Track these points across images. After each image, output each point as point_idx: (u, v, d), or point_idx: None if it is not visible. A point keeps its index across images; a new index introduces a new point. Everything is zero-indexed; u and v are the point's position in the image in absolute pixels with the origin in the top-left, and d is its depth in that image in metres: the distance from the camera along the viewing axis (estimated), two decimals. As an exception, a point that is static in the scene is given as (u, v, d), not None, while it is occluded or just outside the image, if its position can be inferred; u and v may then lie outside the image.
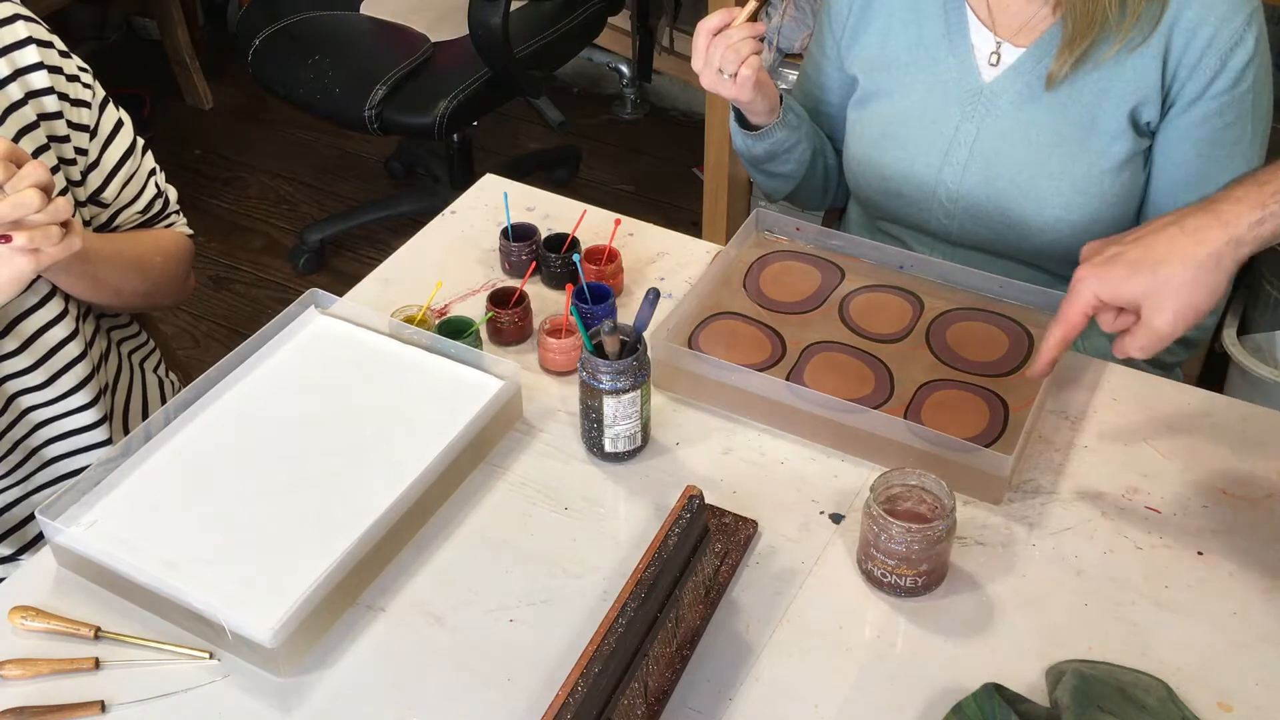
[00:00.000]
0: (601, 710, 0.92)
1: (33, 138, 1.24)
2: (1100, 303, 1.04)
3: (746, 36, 1.31)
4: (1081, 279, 1.04)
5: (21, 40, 1.23)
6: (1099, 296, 1.03)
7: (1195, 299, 0.99)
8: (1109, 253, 1.04)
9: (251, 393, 1.26)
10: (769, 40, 2.36)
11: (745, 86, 1.34)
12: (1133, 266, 1.01)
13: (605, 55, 3.26)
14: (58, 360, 1.30)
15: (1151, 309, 1.00)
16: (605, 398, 1.16)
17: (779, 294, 1.38)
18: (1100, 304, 1.04)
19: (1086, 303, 1.04)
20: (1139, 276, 1.00)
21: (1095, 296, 1.03)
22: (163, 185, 1.42)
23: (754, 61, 1.32)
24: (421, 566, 1.13)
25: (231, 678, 1.04)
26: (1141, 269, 1.00)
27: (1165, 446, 1.22)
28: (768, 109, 1.42)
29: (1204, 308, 1.00)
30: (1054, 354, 1.10)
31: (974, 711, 0.97)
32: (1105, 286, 1.02)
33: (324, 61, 2.43)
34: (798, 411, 1.23)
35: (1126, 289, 1.01)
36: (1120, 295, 1.02)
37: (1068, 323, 1.06)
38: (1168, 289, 0.99)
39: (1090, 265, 1.04)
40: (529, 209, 1.55)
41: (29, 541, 1.36)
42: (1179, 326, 1.01)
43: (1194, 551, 1.12)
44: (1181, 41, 1.29)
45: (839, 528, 1.15)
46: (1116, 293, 1.02)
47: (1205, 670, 1.02)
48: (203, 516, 1.13)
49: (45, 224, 1.07)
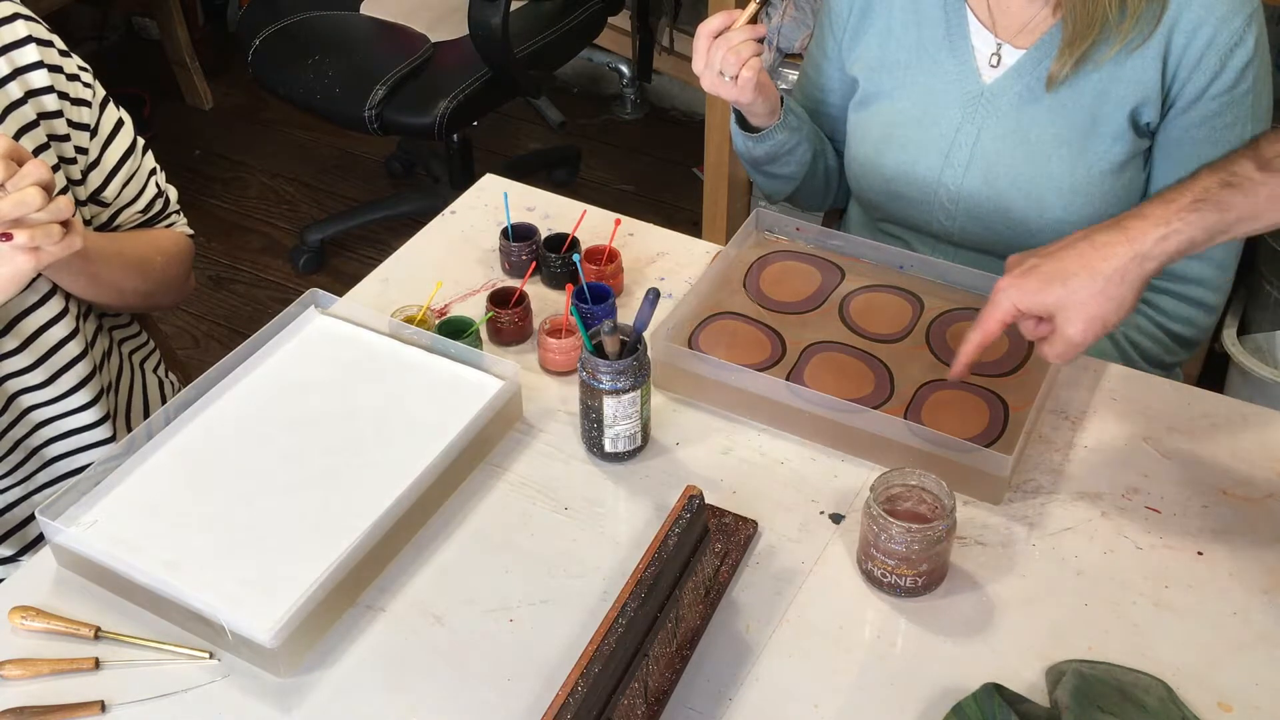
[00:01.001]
0: (601, 710, 0.92)
1: (33, 136, 1.24)
2: (1019, 312, 1.09)
3: (747, 39, 1.31)
4: (1001, 289, 1.09)
5: (21, 39, 1.23)
6: (1017, 306, 1.08)
7: (1103, 311, 1.05)
8: (1028, 264, 1.09)
9: (251, 393, 1.26)
10: (769, 41, 2.36)
11: (746, 89, 1.34)
12: (1046, 279, 1.06)
13: (605, 55, 3.26)
14: (58, 359, 1.30)
15: (1064, 320, 1.06)
16: (605, 398, 1.16)
17: (779, 294, 1.38)
18: (1019, 313, 1.09)
19: (1005, 311, 1.09)
20: (1051, 289, 1.06)
21: (1014, 306, 1.08)
22: (163, 185, 1.42)
23: (755, 64, 1.32)
24: (421, 566, 1.13)
25: (231, 678, 1.04)
26: (1054, 282, 1.06)
27: (1165, 446, 1.22)
28: (768, 111, 1.42)
29: (1111, 319, 1.05)
30: (970, 357, 1.14)
31: (974, 711, 0.97)
32: (1023, 297, 1.07)
33: (324, 61, 2.43)
34: (798, 411, 1.23)
35: (1040, 300, 1.07)
36: (1035, 305, 1.07)
37: (985, 329, 1.11)
38: (1077, 301, 1.05)
39: (1010, 276, 1.09)
40: (529, 209, 1.56)
41: (29, 542, 1.36)
42: (1089, 336, 1.06)
43: (1194, 551, 1.12)
44: (1181, 42, 1.29)
45: (839, 528, 1.15)
46: (1032, 303, 1.07)
47: (1205, 670, 1.02)
48: (203, 516, 1.13)
49: (46, 222, 1.07)
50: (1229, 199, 1.00)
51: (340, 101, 2.37)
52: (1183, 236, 1.02)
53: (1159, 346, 1.43)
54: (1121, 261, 1.03)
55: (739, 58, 1.31)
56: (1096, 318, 1.05)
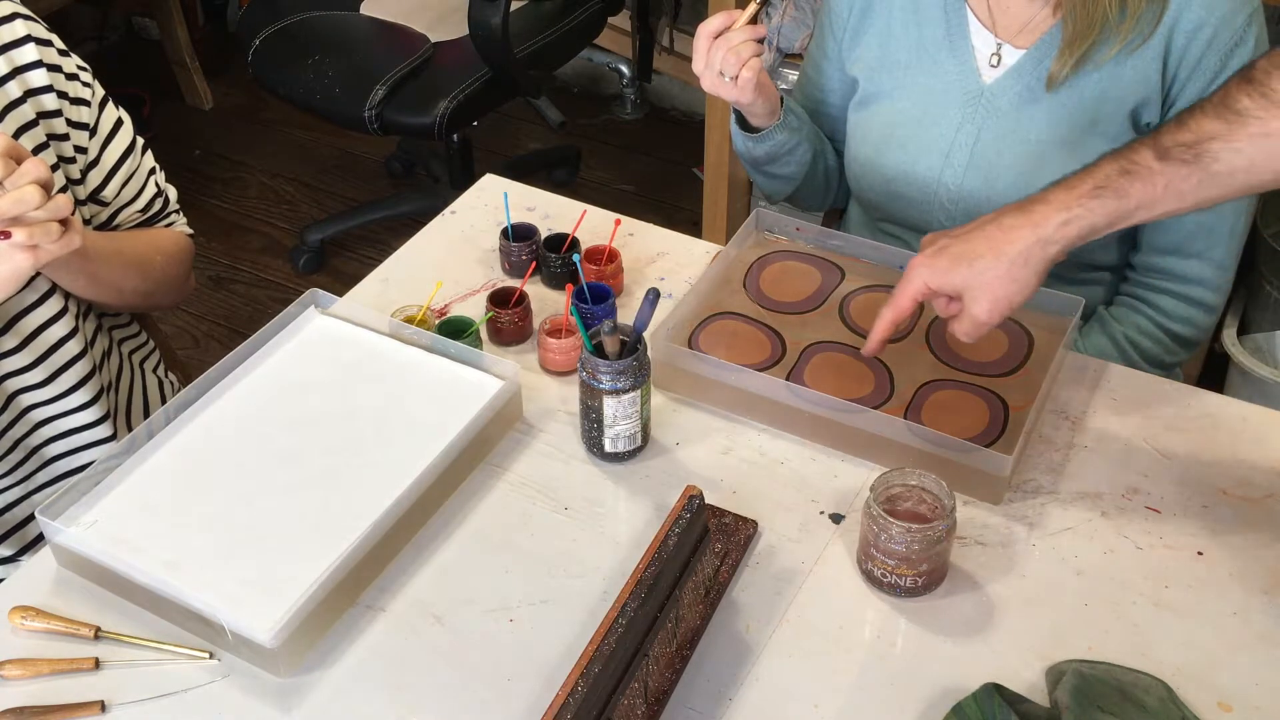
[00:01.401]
0: (601, 710, 0.92)
1: (32, 135, 1.24)
2: (929, 290, 1.13)
3: (747, 39, 1.31)
4: (913, 267, 1.13)
5: (20, 38, 1.23)
6: (928, 285, 1.12)
7: (1008, 292, 1.08)
8: (939, 244, 1.13)
9: (251, 393, 1.26)
10: (769, 41, 2.36)
11: (746, 89, 1.34)
12: (955, 259, 1.10)
13: (605, 55, 3.26)
14: (57, 358, 1.30)
15: (970, 299, 1.10)
16: (605, 398, 1.16)
17: (779, 294, 1.38)
18: (929, 291, 1.13)
19: (916, 289, 1.13)
20: (959, 269, 1.10)
21: (924, 284, 1.12)
22: (162, 184, 1.42)
23: (755, 64, 1.32)
24: (421, 566, 1.13)
25: (231, 678, 1.04)
26: (962, 262, 1.10)
27: (1165, 446, 1.22)
28: (768, 111, 1.42)
29: (1016, 300, 1.09)
30: (883, 333, 1.18)
31: (974, 711, 0.97)
32: (933, 276, 1.12)
33: (324, 61, 2.43)
34: (798, 411, 1.23)
35: (950, 279, 1.11)
36: (945, 285, 1.11)
37: (897, 306, 1.15)
38: (983, 282, 1.09)
39: (922, 255, 1.14)
40: (529, 209, 1.56)
41: (29, 542, 1.36)
42: (994, 316, 1.10)
43: (1194, 551, 1.12)
44: (1182, 42, 1.29)
45: (839, 528, 1.15)
46: (942, 282, 1.11)
47: (1205, 670, 1.02)
48: (203, 516, 1.13)
49: (45, 220, 1.07)
50: (1127, 186, 1.03)
51: (340, 101, 2.37)
52: (1084, 222, 1.05)
53: (1159, 347, 1.43)
54: (1025, 245, 1.07)
55: (739, 58, 1.31)
56: (1001, 298, 1.09)
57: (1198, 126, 0.99)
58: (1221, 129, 0.98)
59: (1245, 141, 0.97)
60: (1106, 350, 1.42)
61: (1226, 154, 0.98)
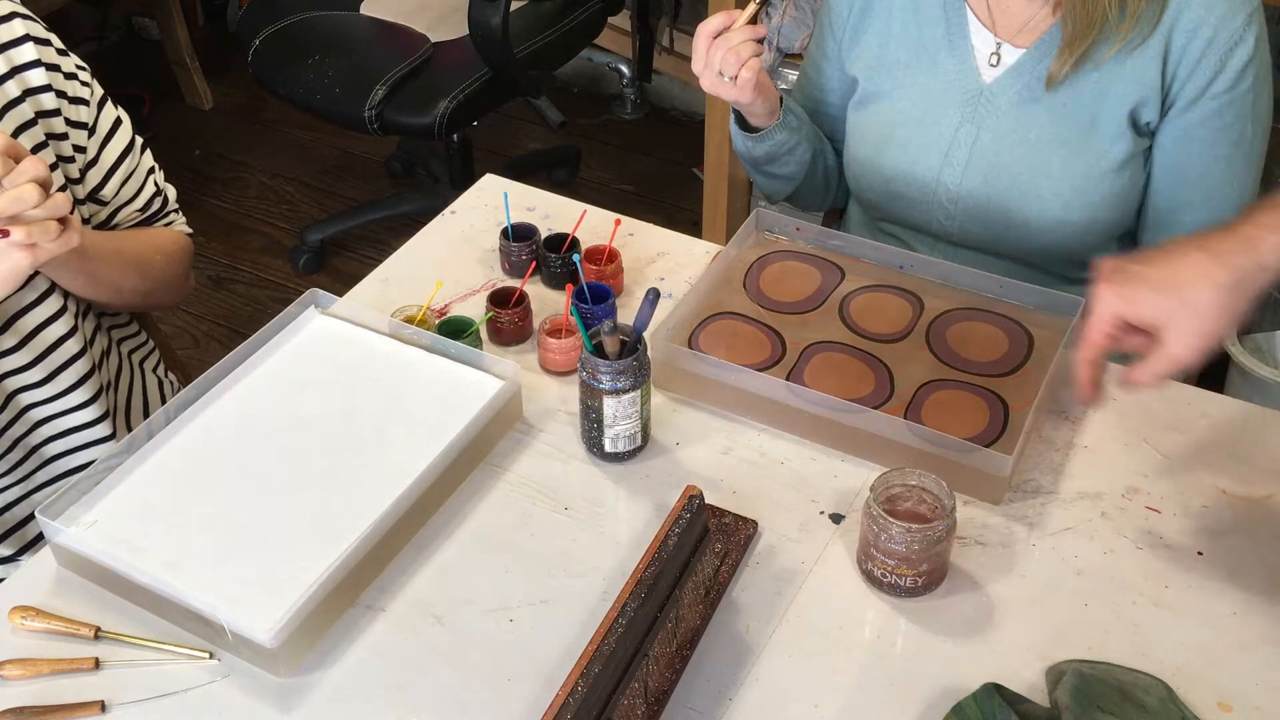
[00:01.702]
0: (601, 710, 0.92)
1: (31, 135, 1.24)
2: (1123, 323, 1.00)
3: (747, 39, 1.31)
4: (1102, 298, 1.00)
5: (19, 38, 1.23)
6: (1121, 316, 0.99)
7: (1217, 326, 0.96)
8: (1131, 271, 1.00)
9: (251, 393, 1.26)
10: (769, 41, 2.36)
11: (745, 89, 1.34)
12: (1156, 288, 0.97)
13: (605, 55, 3.26)
14: (56, 357, 1.30)
15: (1172, 334, 0.97)
16: (605, 398, 1.16)
17: (779, 294, 1.38)
18: (1122, 325, 1.00)
19: (1108, 322, 1.00)
20: (1161, 298, 0.97)
21: (1116, 316, 0.99)
22: (161, 184, 1.42)
23: (754, 64, 1.32)
24: (421, 566, 1.13)
25: (231, 678, 1.04)
26: (1164, 291, 0.97)
27: (1165, 446, 1.22)
28: (768, 111, 1.42)
29: (1222, 334, 0.96)
30: (1088, 374, 1.05)
31: (974, 711, 0.97)
32: (1128, 306, 0.98)
33: (324, 61, 2.43)
34: (798, 411, 1.23)
35: (1148, 310, 0.97)
36: (1143, 317, 0.98)
37: (1091, 343, 1.02)
38: (1190, 312, 0.95)
39: (1111, 285, 1.00)
40: (529, 209, 1.55)
41: (29, 541, 1.36)
42: (1195, 353, 0.97)
43: (1194, 551, 1.12)
44: (1181, 42, 1.29)
45: (839, 528, 1.15)
46: (1139, 313, 0.98)
47: (1205, 670, 1.02)
48: (203, 516, 1.13)
49: (43, 219, 1.07)
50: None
51: (340, 101, 2.37)
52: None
53: (1159, 346, 1.42)
54: (1242, 272, 0.94)
55: (738, 58, 1.31)
56: (1210, 333, 0.95)
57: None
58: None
59: None
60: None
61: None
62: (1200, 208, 1.36)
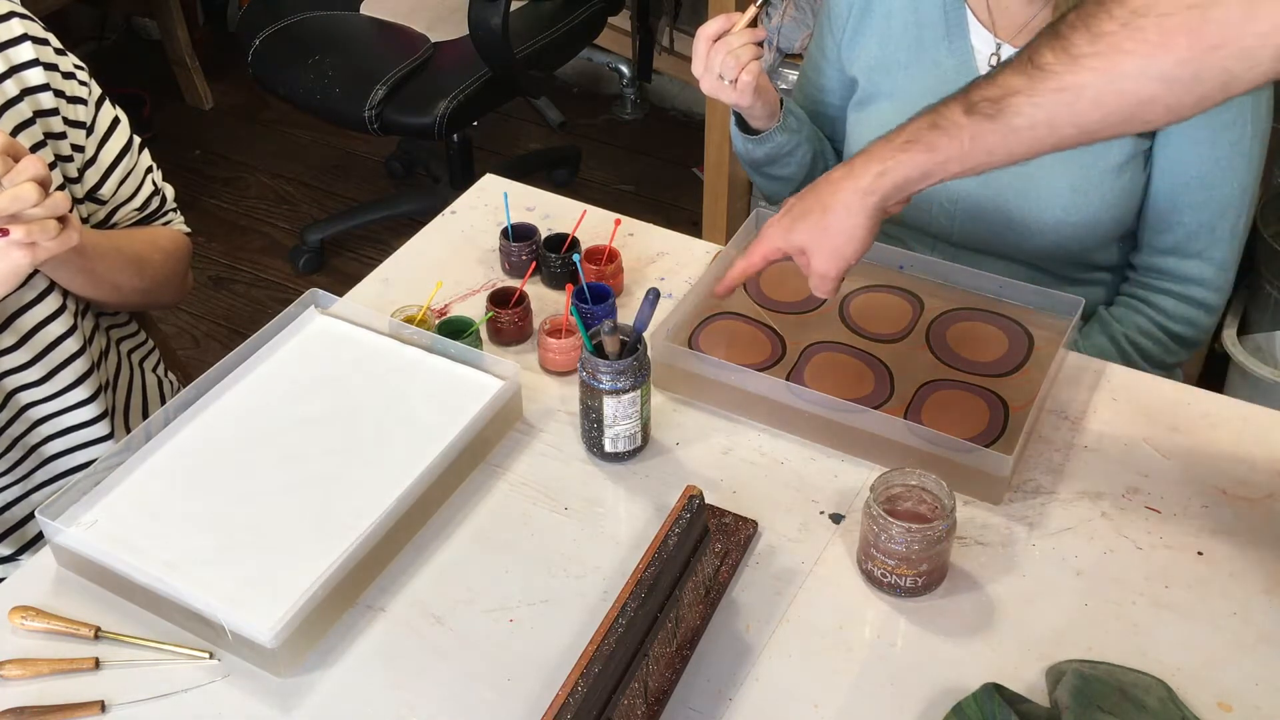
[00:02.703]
0: (601, 710, 0.92)
1: (29, 134, 1.24)
2: (780, 250, 1.16)
3: (746, 42, 1.31)
4: (765, 228, 1.18)
5: (17, 37, 1.23)
6: (776, 245, 1.16)
7: (837, 244, 1.11)
8: (787, 204, 1.16)
9: (251, 393, 1.26)
10: (769, 41, 2.36)
11: (745, 92, 1.34)
12: (795, 218, 1.14)
13: (605, 55, 3.26)
14: (55, 356, 1.30)
15: (811, 254, 1.14)
16: (605, 398, 1.16)
17: (779, 294, 1.38)
18: (780, 251, 1.16)
19: (767, 249, 1.17)
20: (797, 227, 1.14)
21: (773, 245, 1.16)
22: (159, 183, 1.42)
23: (754, 68, 1.32)
24: (421, 566, 1.13)
25: (231, 678, 1.04)
26: (800, 220, 1.13)
27: (1165, 446, 1.22)
28: (768, 113, 1.42)
29: (847, 251, 1.11)
30: (733, 281, 1.23)
31: (974, 711, 0.97)
32: (779, 235, 1.16)
33: (324, 61, 2.43)
34: (798, 411, 1.23)
35: (792, 238, 1.14)
36: (790, 244, 1.15)
37: (749, 261, 1.19)
38: (816, 237, 1.12)
39: (776, 216, 1.17)
40: (529, 209, 1.55)
41: (29, 541, 1.36)
42: (830, 269, 1.13)
43: (1194, 551, 1.12)
44: (1181, 41, 1.29)
45: (839, 528, 1.15)
46: (785, 241, 1.15)
47: (1205, 670, 1.02)
48: (203, 516, 1.13)
49: (42, 218, 1.07)
50: (935, 140, 1.03)
51: (340, 101, 2.37)
52: (897, 174, 1.06)
53: (1159, 347, 1.43)
54: (845, 196, 1.09)
55: (738, 62, 1.31)
56: (832, 250, 1.11)
57: (1004, 82, 0.98)
58: (1024, 84, 0.96)
59: (1045, 96, 0.95)
60: (1107, 351, 1.42)
61: (1028, 109, 0.96)
62: (1200, 208, 1.36)
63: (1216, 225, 1.37)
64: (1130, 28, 0.88)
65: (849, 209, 1.09)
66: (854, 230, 1.09)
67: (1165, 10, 0.86)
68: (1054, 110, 0.95)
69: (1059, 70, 0.93)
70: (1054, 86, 0.94)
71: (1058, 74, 0.93)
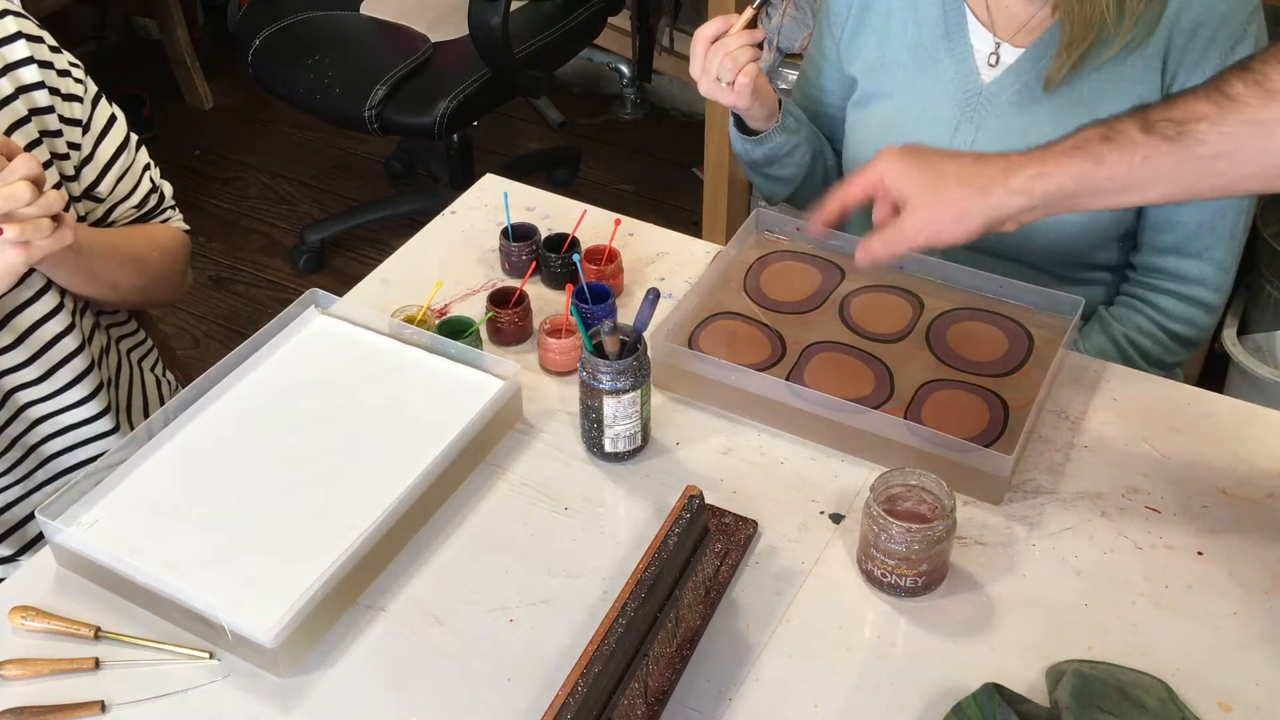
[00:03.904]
0: (601, 710, 0.92)
1: (25, 132, 1.24)
2: (884, 185, 1.11)
3: (744, 44, 1.31)
4: (881, 157, 1.12)
5: (11, 35, 1.23)
6: (884, 180, 1.11)
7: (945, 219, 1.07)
8: (917, 151, 1.12)
9: (251, 393, 1.26)
10: (769, 41, 2.36)
11: (743, 94, 1.34)
12: (921, 166, 1.09)
13: (605, 55, 3.26)
14: (54, 354, 1.30)
15: (909, 211, 1.08)
16: (605, 398, 1.16)
17: (779, 294, 1.38)
18: (883, 186, 1.11)
19: (873, 179, 1.12)
20: (922, 178, 1.08)
21: (881, 178, 1.11)
22: (157, 180, 1.42)
23: (751, 69, 1.32)
24: (421, 566, 1.13)
25: (231, 678, 1.04)
26: (927, 174, 1.08)
27: (1165, 446, 1.22)
28: (766, 114, 1.42)
29: (947, 234, 1.07)
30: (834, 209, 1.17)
31: (974, 711, 0.97)
32: (893, 175, 1.10)
33: (324, 61, 2.43)
34: (798, 411, 1.23)
35: (907, 183, 1.09)
36: (900, 187, 1.10)
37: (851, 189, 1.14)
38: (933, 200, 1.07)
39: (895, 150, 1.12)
40: (529, 209, 1.56)
41: (29, 541, 1.36)
42: (919, 237, 1.08)
43: (1194, 551, 1.12)
44: (1181, 41, 1.29)
45: (839, 528, 1.15)
46: (899, 183, 1.10)
47: (1205, 670, 1.02)
48: (203, 516, 1.13)
49: (36, 217, 1.07)
50: (1105, 152, 1.00)
51: (340, 101, 2.37)
52: (1054, 180, 1.02)
53: (1159, 347, 1.42)
54: (990, 183, 1.05)
55: (735, 63, 1.31)
56: (938, 226, 1.07)
57: (1187, 106, 0.95)
58: (1212, 111, 0.94)
59: (1234, 126, 0.93)
60: (1107, 350, 1.42)
61: (1214, 136, 0.94)
62: (1200, 207, 1.36)
63: (1216, 225, 1.37)
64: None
65: (985, 195, 1.04)
66: (972, 218, 1.05)
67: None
68: (1242, 142, 0.93)
69: (1253, 103, 0.91)
70: (1246, 118, 0.92)
71: (1252, 106, 0.91)
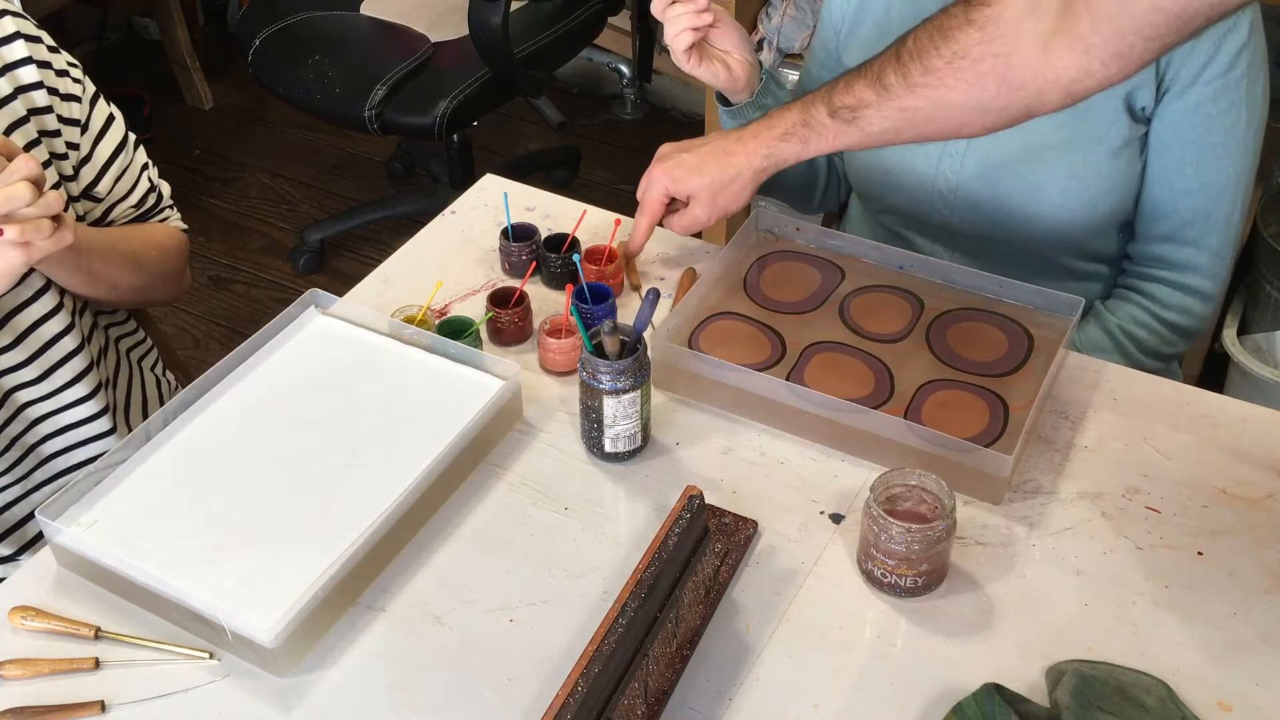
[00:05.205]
0: (601, 710, 0.92)
1: (23, 132, 1.24)
2: (669, 194, 1.35)
3: (684, 11, 1.36)
4: (655, 176, 1.36)
5: (9, 35, 1.24)
6: (667, 190, 1.35)
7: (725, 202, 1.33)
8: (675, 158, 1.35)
9: (251, 393, 1.26)
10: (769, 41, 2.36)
11: (680, 59, 1.39)
12: (690, 171, 1.33)
13: (605, 55, 3.26)
14: (53, 354, 1.30)
15: (696, 202, 1.34)
16: (605, 398, 1.16)
17: (779, 294, 1.38)
18: (669, 195, 1.36)
19: (660, 193, 1.35)
20: (693, 178, 1.33)
21: (665, 190, 1.35)
22: (155, 180, 1.42)
23: (686, 37, 1.37)
24: (421, 566, 1.13)
25: (231, 678, 1.04)
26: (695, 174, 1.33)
27: (1165, 446, 1.22)
28: (746, 90, 1.45)
29: (731, 207, 1.34)
30: (643, 237, 1.40)
31: (974, 711, 0.97)
32: (672, 183, 1.34)
33: (324, 61, 2.43)
34: (798, 411, 1.23)
35: (685, 186, 1.34)
36: (681, 190, 1.34)
37: (651, 211, 1.37)
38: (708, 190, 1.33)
39: (661, 165, 1.36)
40: (529, 209, 1.56)
41: (29, 541, 1.36)
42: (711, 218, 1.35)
43: (1194, 551, 1.12)
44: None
45: (839, 528, 1.15)
46: (679, 188, 1.34)
47: (1205, 670, 1.02)
48: (203, 516, 1.13)
49: (36, 217, 1.07)
50: (806, 135, 1.25)
51: (340, 101, 2.37)
52: (777, 158, 1.28)
53: (1156, 338, 1.42)
54: (739, 169, 1.31)
55: (673, 29, 1.37)
56: (721, 207, 1.34)
57: (858, 93, 1.18)
58: (873, 98, 1.17)
59: (889, 112, 1.16)
60: (1101, 342, 1.42)
61: (878, 119, 1.18)
62: (1196, 194, 1.36)
63: (1211, 212, 1.37)
64: (953, 67, 1.09)
65: (742, 180, 1.31)
66: (741, 193, 1.32)
67: (978, 56, 1.07)
68: (898, 122, 1.17)
69: (900, 94, 1.15)
70: (897, 106, 1.16)
71: (900, 96, 1.15)
